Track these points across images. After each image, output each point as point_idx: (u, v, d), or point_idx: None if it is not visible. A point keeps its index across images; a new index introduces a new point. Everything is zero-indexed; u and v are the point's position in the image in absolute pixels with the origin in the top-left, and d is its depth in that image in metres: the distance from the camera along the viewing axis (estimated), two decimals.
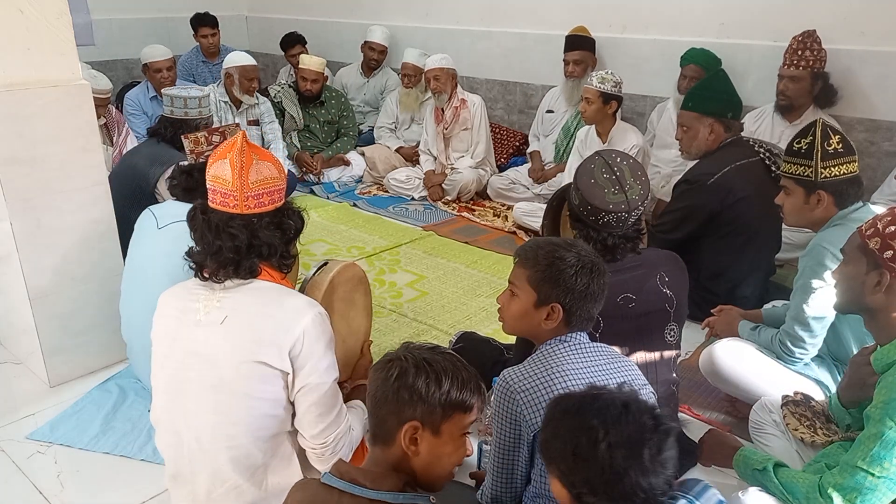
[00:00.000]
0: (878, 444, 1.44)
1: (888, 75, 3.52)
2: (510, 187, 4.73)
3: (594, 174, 1.89)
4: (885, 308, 1.56)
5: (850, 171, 2.12)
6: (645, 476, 1.08)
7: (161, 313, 1.72)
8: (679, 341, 2.03)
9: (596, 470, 1.09)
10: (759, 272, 3.00)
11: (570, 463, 1.12)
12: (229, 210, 1.62)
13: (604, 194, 1.86)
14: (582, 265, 1.56)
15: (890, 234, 1.52)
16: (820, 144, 2.10)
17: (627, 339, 1.92)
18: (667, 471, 1.10)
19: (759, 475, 1.66)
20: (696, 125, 2.93)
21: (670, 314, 1.95)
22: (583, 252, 1.59)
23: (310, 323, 1.62)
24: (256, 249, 1.64)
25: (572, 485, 1.14)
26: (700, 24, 4.15)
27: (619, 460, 1.08)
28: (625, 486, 1.08)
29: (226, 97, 4.80)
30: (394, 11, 5.82)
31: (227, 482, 1.65)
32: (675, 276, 1.97)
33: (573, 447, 1.11)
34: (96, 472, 2.20)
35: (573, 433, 1.12)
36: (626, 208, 1.85)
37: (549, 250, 1.60)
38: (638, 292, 1.89)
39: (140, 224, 2.43)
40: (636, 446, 1.09)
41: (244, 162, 1.60)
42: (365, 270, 3.68)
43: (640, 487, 1.08)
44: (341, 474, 1.30)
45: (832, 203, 2.14)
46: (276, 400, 1.64)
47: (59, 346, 2.61)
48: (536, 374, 1.54)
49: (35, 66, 2.38)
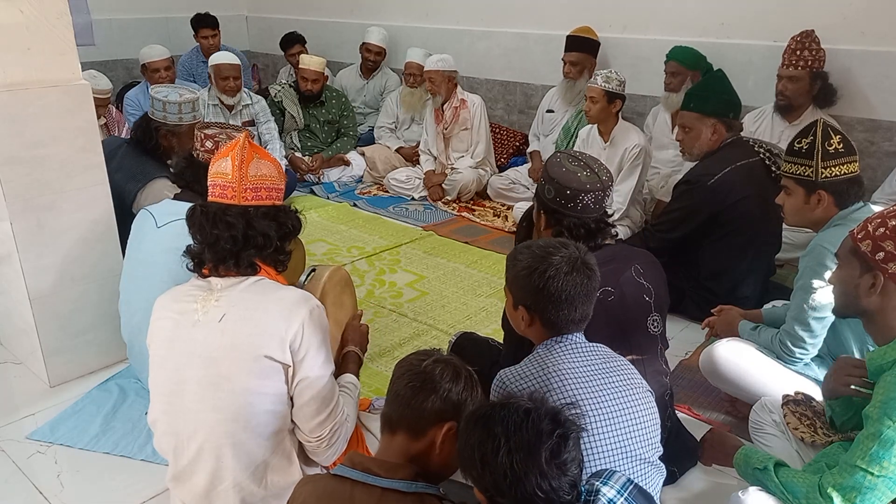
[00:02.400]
0: (876, 444, 1.44)
1: (888, 75, 3.53)
2: (510, 187, 4.73)
3: (563, 164, 1.98)
4: (882, 310, 1.56)
5: (850, 171, 2.12)
6: (544, 478, 1.14)
7: (157, 317, 1.72)
8: (664, 332, 2.04)
9: (500, 475, 1.16)
10: (759, 272, 3.00)
11: (478, 470, 1.19)
12: (227, 200, 1.65)
13: (578, 177, 1.94)
14: (556, 270, 1.56)
15: (880, 236, 1.52)
16: (821, 144, 2.10)
17: (611, 332, 1.91)
18: (568, 473, 1.16)
19: (760, 474, 1.66)
20: (699, 126, 2.93)
21: (650, 304, 1.97)
22: (564, 255, 1.59)
23: (308, 315, 1.64)
24: (252, 240, 1.66)
25: (485, 489, 1.21)
26: (700, 24, 4.15)
27: (518, 465, 1.15)
28: (526, 488, 1.14)
29: (216, 100, 4.73)
30: (394, 11, 5.82)
31: (228, 480, 1.65)
32: (648, 267, 2.00)
33: (480, 455, 1.19)
34: (96, 472, 2.21)
35: (480, 442, 1.19)
36: (601, 186, 1.93)
37: (526, 255, 1.62)
38: (615, 285, 1.92)
39: (137, 224, 2.42)
40: (533, 451, 1.15)
41: (244, 157, 1.65)
42: (365, 270, 3.73)
43: (540, 489, 1.14)
44: (354, 464, 1.33)
45: (832, 203, 2.14)
46: (277, 395, 1.64)
47: (59, 346, 2.61)
48: (532, 374, 1.54)
49: (35, 66, 2.38)
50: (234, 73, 4.59)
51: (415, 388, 1.36)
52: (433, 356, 1.42)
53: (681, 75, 3.97)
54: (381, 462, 1.34)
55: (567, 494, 1.17)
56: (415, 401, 1.36)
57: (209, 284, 1.68)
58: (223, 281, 1.67)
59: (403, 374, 1.40)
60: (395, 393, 1.39)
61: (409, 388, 1.37)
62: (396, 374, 1.43)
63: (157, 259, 2.28)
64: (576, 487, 1.19)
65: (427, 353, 1.44)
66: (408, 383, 1.37)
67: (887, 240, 1.51)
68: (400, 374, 1.41)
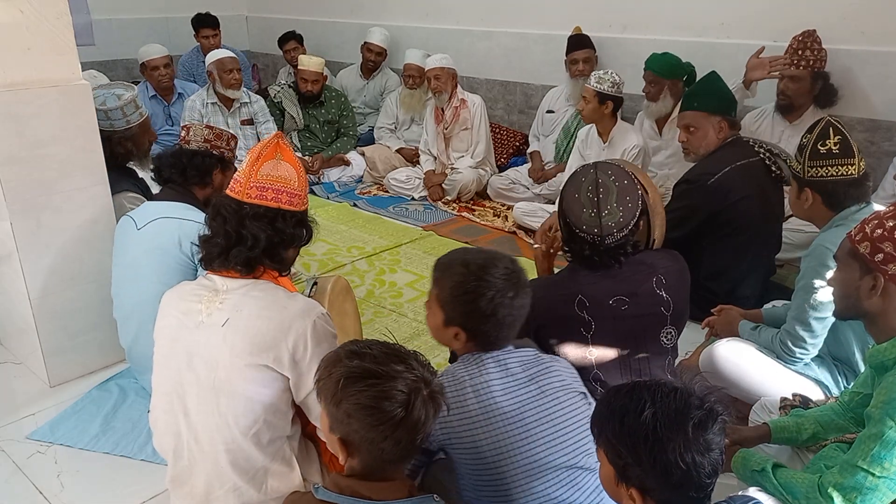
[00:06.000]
0: (878, 444, 1.43)
1: (888, 75, 3.52)
2: (510, 187, 4.73)
3: (580, 188, 1.86)
4: (883, 311, 1.55)
5: (843, 174, 2.09)
6: (688, 449, 1.11)
7: (163, 314, 1.71)
8: (676, 346, 2.01)
9: (640, 437, 1.13)
10: (759, 272, 3.00)
11: (616, 430, 1.16)
12: (233, 195, 1.64)
13: (581, 213, 1.84)
14: (479, 292, 1.53)
15: (878, 237, 1.51)
16: (812, 144, 2.10)
17: (619, 340, 1.91)
18: (712, 452, 1.13)
19: (758, 476, 1.66)
20: (705, 124, 2.92)
21: (667, 317, 1.92)
22: (493, 275, 1.55)
23: (311, 326, 1.60)
24: (243, 239, 1.62)
25: (618, 455, 1.17)
26: (700, 23, 4.15)
27: (662, 428, 1.12)
28: (668, 455, 1.11)
29: (214, 98, 4.75)
30: (394, 12, 5.82)
31: (227, 484, 1.64)
32: (673, 276, 1.94)
33: (621, 415, 1.16)
34: (96, 472, 2.21)
35: (623, 404, 1.17)
36: (598, 233, 1.82)
37: (457, 273, 1.57)
38: (632, 295, 1.88)
39: (120, 230, 2.43)
40: (680, 418, 1.12)
41: (262, 154, 1.62)
42: (365, 270, 3.72)
43: (682, 460, 1.11)
44: (341, 489, 1.26)
45: (821, 202, 2.14)
46: (276, 403, 1.62)
47: (59, 346, 2.61)
48: (447, 387, 1.50)
49: (35, 66, 2.38)
50: (235, 65, 4.71)
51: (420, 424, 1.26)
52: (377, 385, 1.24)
53: (658, 84, 3.92)
54: (371, 486, 1.26)
55: (707, 477, 1.13)
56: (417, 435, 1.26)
57: (215, 284, 1.66)
58: (229, 282, 1.65)
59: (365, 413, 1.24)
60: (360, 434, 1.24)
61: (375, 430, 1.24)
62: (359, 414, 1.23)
63: (140, 261, 2.28)
64: (716, 473, 1.15)
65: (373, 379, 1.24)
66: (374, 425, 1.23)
67: (885, 241, 1.50)
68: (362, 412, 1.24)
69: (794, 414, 1.90)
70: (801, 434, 1.83)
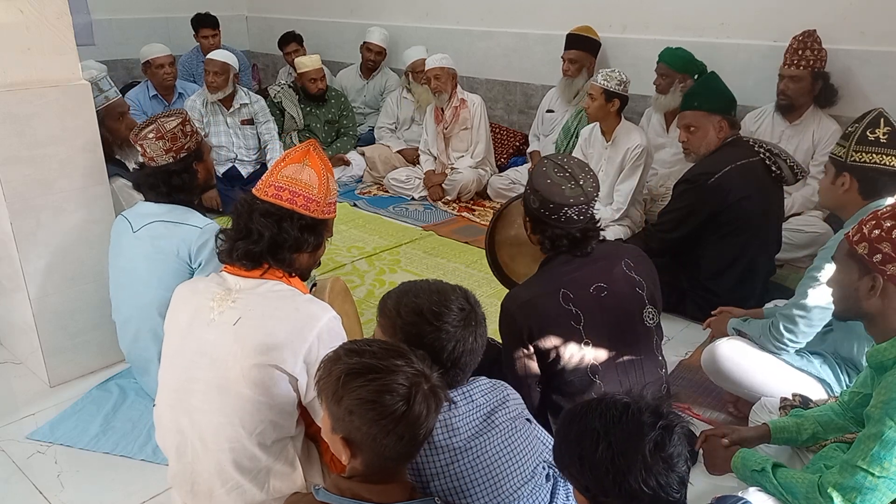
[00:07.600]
0: (878, 444, 1.44)
1: (888, 75, 3.52)
2: (510, 187, 4.72)
3: (549, 175, 1.95)
4: (883, 312, 1.55)
5: (886, 164, 2.08)
6: (650, 474, 1.09)
7: (175, 307, 1.71)
8: (659, 323, 2.06)
9: (601, 471, 1.11)
10: (759, 272, 3.00)
11: (578, 467, 1.15)
12: (254, 191, 1.68)
13: (562, 190, 1.91)
14: (440, 346, 1.44)
15: (876, 238, 1.51)
16: (862, 129, 2.10)
17: (609, 326, 1.96)
18: (676, 468, 1.11)
19: (758, 476, 1.66)
20: (706, 123, 2.92)
21: (643, 296, 2.01)
22: (449, 322, 1.47)
23: (325, 328, 1.61)
24: (249, 234, 1.65)
25: (586, 489, 1.16)
26: (700, 23, 4.15)
27: (620, 459, 1.10)
28: (630, 484, 1.10)
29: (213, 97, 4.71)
30: (394, 11, 5.82)
31: (230, 482, 1.64)
32: (638, 262, 2.04)
33: (579, 452, 1.14)
34: (96, 472, 2.20)
35: (578, 438, 1.15)
36: (584, 199, 1.91)
37: (409, 322, 1.47)
38: (608, 281, 1.96)
39: (115, 230, 2.40)
40: (635, 443, 1.10)
41: (289, 156, 1.67)
42: (365, 270, 3.72)
43: (647, 486, 1.09)
44: (341, 491, 1.26)
45: (856, 189, 2.12)
46: (283, 405, 1.62)
47: (59, 346, 2.61)
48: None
49: (35, 66, 2.38)
50: (216, 68, 4.54)
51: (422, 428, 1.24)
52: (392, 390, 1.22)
53: (669, 77, 3.97)
54: (371, 488, 1.25)
55: (676, 492, 1.12)
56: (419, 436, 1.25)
57: (228, 283, 1.67)
58: (242, 282, 1.66)
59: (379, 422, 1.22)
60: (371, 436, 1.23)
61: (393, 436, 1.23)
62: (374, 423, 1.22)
63: (137, 266, 2.26)
64: (685, 485, 1.13)
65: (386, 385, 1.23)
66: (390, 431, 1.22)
67: (883, 241, 1.50)
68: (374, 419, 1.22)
69: (794, 414, 1.90)
70: (801, 434, 1.83)
